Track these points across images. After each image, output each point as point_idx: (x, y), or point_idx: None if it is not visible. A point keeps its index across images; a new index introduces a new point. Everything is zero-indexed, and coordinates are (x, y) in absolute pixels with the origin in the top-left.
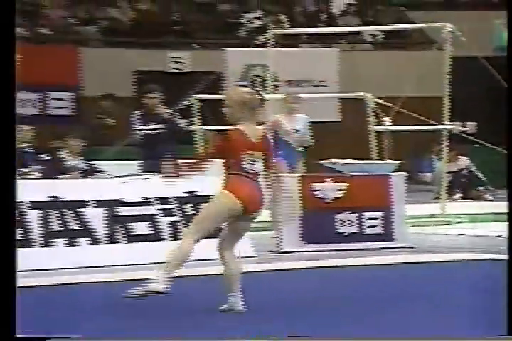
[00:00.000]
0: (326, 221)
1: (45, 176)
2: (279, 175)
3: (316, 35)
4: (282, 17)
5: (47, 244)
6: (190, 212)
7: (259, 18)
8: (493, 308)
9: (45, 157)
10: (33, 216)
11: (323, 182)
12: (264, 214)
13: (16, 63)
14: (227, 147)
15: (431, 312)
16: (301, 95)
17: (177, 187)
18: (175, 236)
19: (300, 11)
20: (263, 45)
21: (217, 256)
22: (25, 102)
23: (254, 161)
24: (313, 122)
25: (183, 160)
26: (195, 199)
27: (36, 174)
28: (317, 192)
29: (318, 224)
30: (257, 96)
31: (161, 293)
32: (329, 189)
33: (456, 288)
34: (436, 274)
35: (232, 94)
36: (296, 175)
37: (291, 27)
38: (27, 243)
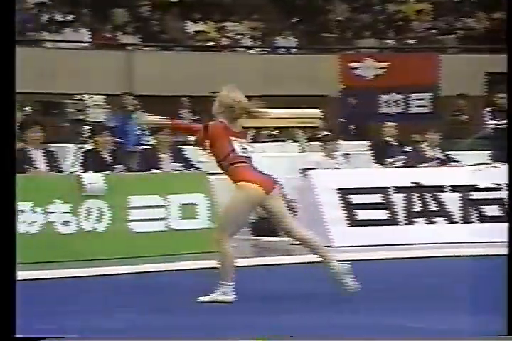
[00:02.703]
0: None
1: (408, 165)
2: None
3: None
4: None
5: (410, 223)
6: None
7: None
8: None
9: (407, 149)
10: (398, 199)
11: None
12: None
13: (15, 63)
14: (214, 136)
15: None
16: None
17: None
18: None
19: None
20: None
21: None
22: (390, 103)
23: (243, 146)
24: None
25: None
26: None
27: (400, 163)
28: None
29: None
30: (244, 102)
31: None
32: None
33: None
34: None
35: (223, 95)
36: None
37: None
38: (393, 221)
